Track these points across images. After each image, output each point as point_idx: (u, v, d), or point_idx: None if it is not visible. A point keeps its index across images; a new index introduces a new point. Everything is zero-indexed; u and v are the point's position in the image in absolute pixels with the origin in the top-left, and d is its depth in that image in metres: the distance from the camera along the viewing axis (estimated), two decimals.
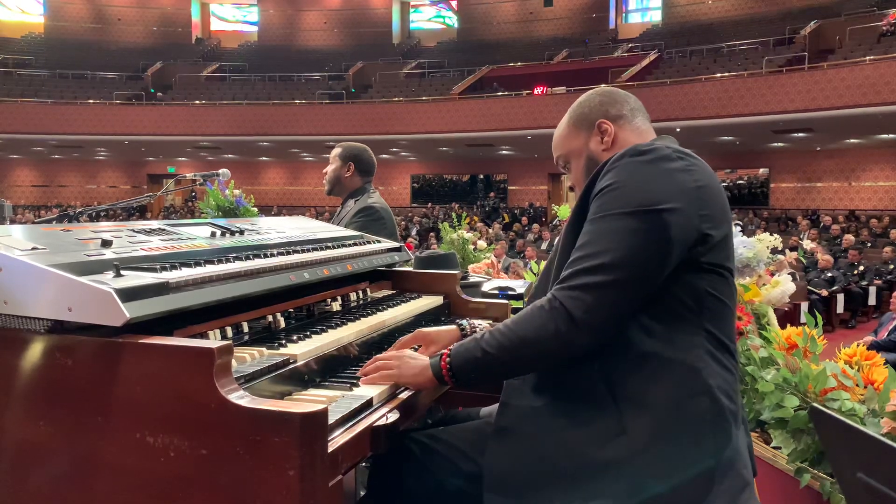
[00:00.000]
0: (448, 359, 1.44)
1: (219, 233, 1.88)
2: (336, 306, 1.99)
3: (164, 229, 1.79)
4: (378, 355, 1.60)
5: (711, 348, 1.38)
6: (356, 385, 1.49)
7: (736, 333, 1.50)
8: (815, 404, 1.39)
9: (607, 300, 1.32)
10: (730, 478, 1.33)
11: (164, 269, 1.39)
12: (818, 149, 20.89)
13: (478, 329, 1.77)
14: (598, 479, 1.31)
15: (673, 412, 1.32)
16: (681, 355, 1.35)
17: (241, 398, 1.16)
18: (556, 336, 1.33)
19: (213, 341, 1.23)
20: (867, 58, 16.39)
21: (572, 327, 1.32)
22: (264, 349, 1.47)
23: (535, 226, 19.31)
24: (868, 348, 2.19)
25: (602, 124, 1.61)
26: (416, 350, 1.70)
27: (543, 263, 1.95)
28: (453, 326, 1.77)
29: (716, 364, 1.38)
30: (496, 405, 1.54)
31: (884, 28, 18.19)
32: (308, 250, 1.94)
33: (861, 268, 12.18)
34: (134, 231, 1.70)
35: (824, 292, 10.66)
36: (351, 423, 1.30)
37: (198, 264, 1.49)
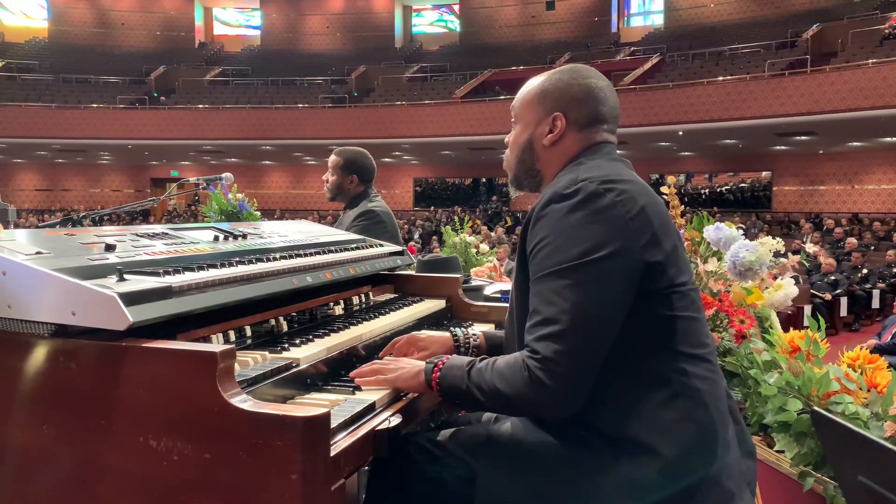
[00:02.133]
0: (438, 375, 1.45)
1: (222, 237, 1.89)
2: (338, 310, 1.99)
3: (167, 233, 1.80)
4: (374, 360, 1.60)
5: (684, 366, 1.36)
6: (358, 389, 1.49)
7: (711, 336, 1.49)
8: (817, 408, 1.39)
9: (576, 363, 1.31)
10: (713, 494, 1.33)
11: (167, 273, 1.40)
12: (821, 152, 20.86)
13: (472, 339, 1.76)
14: None
15: (659, 442, 1.31)
16: (654, 386, 1.35)
17: (243, 402, 1.16)
18: (533, 403, 1.33)
19: (216, 345, 1.24)
20: (869, 61, 16.37)
21: (550, 398, 1.31)
22: (267, 353, 1.47)
23: None
24: (871, 351, 2.19)
25: (557, 119, 1.54)
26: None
27: None
28: (447, 334, 1.75)
29: (693, 379, 1.36)
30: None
31: (886, 31, 18.17)
32: (310, 254, 1.95)
33: (864, 271, 12.14)
34: (137, 235, 1.70)
35: (827, 296, 10.62)
36: (353, 427, 1.30)
37: (201, 268, 1.50)
